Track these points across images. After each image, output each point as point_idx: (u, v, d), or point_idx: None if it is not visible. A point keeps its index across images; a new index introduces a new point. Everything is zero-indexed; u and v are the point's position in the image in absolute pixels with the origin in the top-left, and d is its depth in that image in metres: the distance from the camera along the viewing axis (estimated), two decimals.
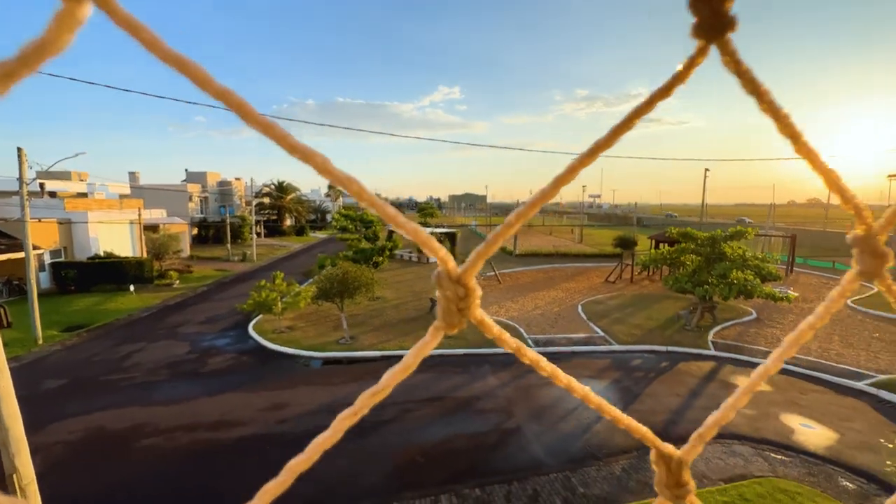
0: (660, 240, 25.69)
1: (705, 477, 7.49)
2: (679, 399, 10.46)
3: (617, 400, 10.36)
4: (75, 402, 10.18)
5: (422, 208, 60.59)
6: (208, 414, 9.58)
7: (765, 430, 9.08)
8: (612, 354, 13.54)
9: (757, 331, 15.81)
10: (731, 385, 11.30)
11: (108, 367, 12.20)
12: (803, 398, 10.65)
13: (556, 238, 49.15)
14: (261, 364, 12.56)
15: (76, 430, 8.92)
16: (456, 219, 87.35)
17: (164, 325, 16.31)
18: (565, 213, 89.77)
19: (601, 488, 7.20)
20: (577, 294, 21.53)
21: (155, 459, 7.93)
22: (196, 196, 45.98)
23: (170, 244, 26.05)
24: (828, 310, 0.38)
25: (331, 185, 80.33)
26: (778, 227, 46.63)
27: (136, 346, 13.90)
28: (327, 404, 9.99)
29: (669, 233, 18.75)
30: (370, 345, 13.84)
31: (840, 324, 16.80)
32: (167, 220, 32.19)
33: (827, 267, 30.50)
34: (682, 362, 12.87)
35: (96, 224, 24.22)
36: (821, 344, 14.40)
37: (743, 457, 8.13)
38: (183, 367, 12.28)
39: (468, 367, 12.30)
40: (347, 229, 23.50)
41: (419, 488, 7.19)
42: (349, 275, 14.20)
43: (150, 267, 22.98)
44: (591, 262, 32.50)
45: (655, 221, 66.95)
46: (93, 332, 15.46)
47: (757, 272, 15.22)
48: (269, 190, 53.41)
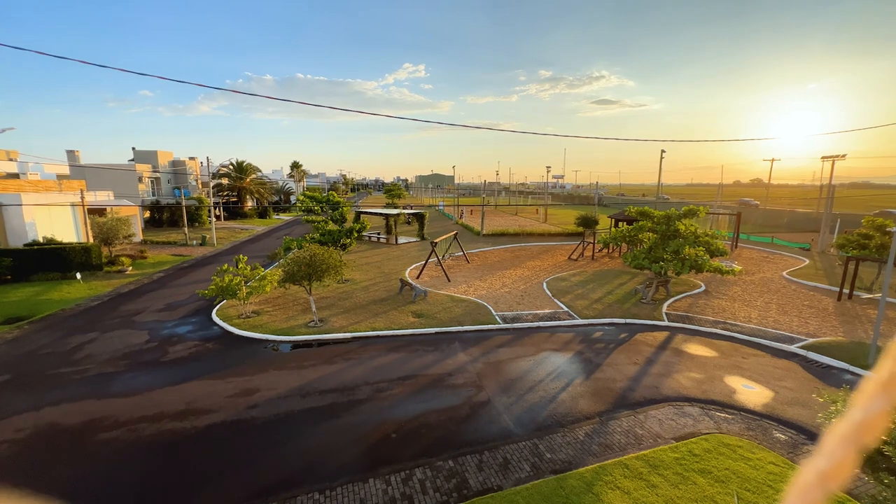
0: (619, 219, 26.80)
1: (659, 437, 8.16)
2: (636, 367, 11.20)
3: (580, 370, 10.96)
4: (21, 397, 9.54)
5: (389, 189, 59.63)
6: (173, 403, 9.28)
7: (711, 392, 9.94)
8: (575, 328, 14.20)
9: (706, 302, 17.03)
10: (683, 352, 12.20)
11: (57, 361, 11.47)
12: (745, 362, 11.69)
13: (521, 218, 50.04)
14: (227, 350, 12.22)
15: (24, 428, 8.40)
16: (423, 199, 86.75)
17: (117, 313, 15.42)
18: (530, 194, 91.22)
19: (566, 453, 7.69)
20: (542, 272, 22.22)
21: (116, 453, 7.64)
22: (146, 177, 42.94)
23: (119, 228, 24.31)
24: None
25: (293, 165, 77.29)
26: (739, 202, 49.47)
27: (87, 337, 13.11)
28: (298, 388, 9.93)
29: (628, 211, 19.59)
30: (340, 327, 13.76)
31: (777, 293, 18.40)
32: (115, 203, 29.95)
33: (767, 242, 33.01)
34: (640, 333, 13.72)
35: (32, 207, 22.19)
36: (761, 313, 15.75)
37: (692, 417, 8.89)
38: (142, 356, 11.75)
39: (439, 346, 12.54)
40: (313, 211, 22.84)
41: (394, 463, 7.39)
42: (317, 257, 13.91)
43: (98, 253, 21.45)
44: (556, 240, 33.47)
45: (615, 201, 69.43)
46: (35, 323, 14.40)
47: (707, 248, 16.29)
48: (227, 170, 50.64)
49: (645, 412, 9.02)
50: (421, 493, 6.70)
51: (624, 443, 7.98)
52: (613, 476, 7.06)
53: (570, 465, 7.36)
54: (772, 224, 44.01)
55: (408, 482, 6.94)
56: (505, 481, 6.97)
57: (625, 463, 7.39)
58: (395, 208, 42.67)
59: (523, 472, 7.19)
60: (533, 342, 12.91)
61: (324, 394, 9.67)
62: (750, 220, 45.24)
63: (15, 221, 21.67)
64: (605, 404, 9.34)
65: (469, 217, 46.87)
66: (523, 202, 74.71)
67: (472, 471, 7.21)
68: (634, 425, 8.54)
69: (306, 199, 22.81)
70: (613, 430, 8.40)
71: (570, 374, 10.75)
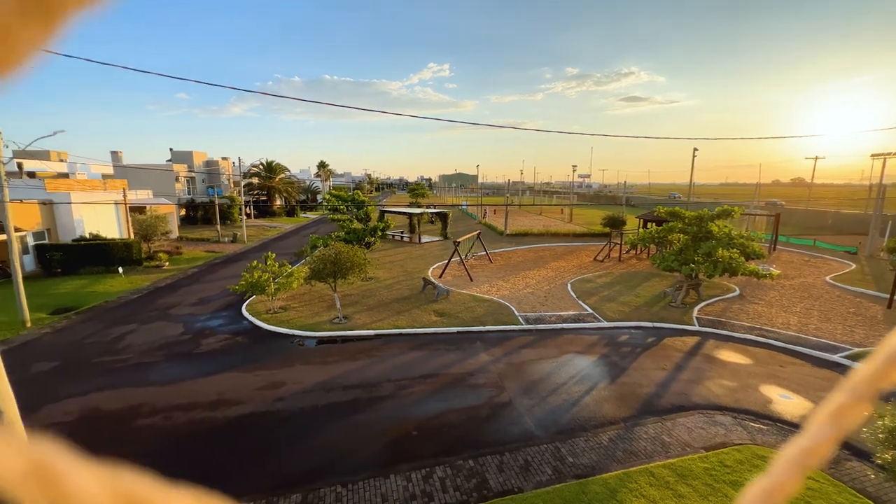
0: (648, 219, 26.00)
1: (688, 445, 7.88)
2: (664, 372, 10.85)
3: (605, 374, 10.72)
4: (69, 383, 10.19)
5: (412, 189, 60.08)
6: (205, 394, 9.68)
7: (745, 401, 9.51)
8: (600, 331, 13.89)
9: (740, 307, 16.30)
10: (714, 359, 11.73)
11: (101, 349, 12.17)
12: (782, 370, 11.12)
13: (546, 218, 49.34)
14: (255, 344, 12.64)
15: (72, 412, 8.96)
16: (447, 199, 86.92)
17: (155, 306, 16.21)
18: (555, 193, 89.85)
19: (589, 458, 7.54)
20: (566, 273, 21.85)
21: (153, 439, 8.05)
22: (182, 176, 44.89)
23: (157, 225, 25.56)
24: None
25: (320, 165, 79.07)
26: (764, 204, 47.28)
27: (128, 328, 13.84)
28: (323, 382, 10.16)
29: (657, 212, 18.99)
30: (364, 324, 13.97)
31: (819, 300, 17.40)
32: (154, 201, 31.49)
33: (809, 245, 31.26)
34: (668, 337, 13.28)
35: (80, 205, 23.61)
36: (801, 319, 14.94)
37: (724, 426, 8.54)
38: (177, 348, 12.31)
39: (461, 345, 12.54)
40: (339, 210, 23.29)
41: (414, 460, 7.45)
42: (342, 255, 14.18)
43: (139, 249, 22.62)
44: (581, 241, 32.82)
45: (644, 201, 67.45)
46: (82, 314, 15.32)
47: (742, 250, 15.59)
48: (257, 170, 52.34)
49: (673, 419, 8.73)
50: (441, 492, 6.72)
51: (650, 450, 7.74)
52: (639, 483, 6.87)
53: (593, 470, 7.21)
54: (814, 226, 41.65)
55: (428, 480, 6.98)
56: (526, 483, 6.90)
57: (651, 471, 7.17)
58: (418, 207, 42.96)
59: (545, 475, 7.09)
60: (556, 344, 12.71)
61: (347, 389, 9.85)
62: (790, 221, 42.99)
63: (65, 218, 23.12)
64: (631, 410, 9.09)
65: (492, 217, 46.62)
66: (548, 202, 73.70)
67: (492, 471, 7.18)
68: (661, 432, 8.27)
69: (332, 198, 23.28)
70: (639, 436, 8.17)
71: (594, 378, 10.53)
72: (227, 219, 41.81)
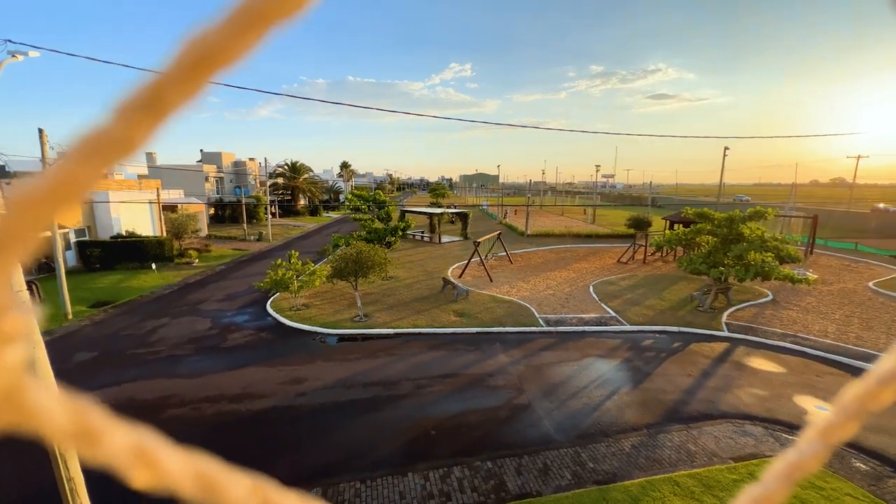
0: (674, 220, 25.24)
1: (715, 455, 7.60)
2: (690, 379, 10.50)
3: (627, 379, 10.46)
4: (106, 373, 10.71)
5: (433, 189, 60.28)
6: (231, 387, 9.99)
7: (777, 411, 9.10)
8: (624, 334, 13.57)
9: (773, 313, 15.61)
10: (745, 366, 11.27)
11: (135, 342, 12.74)
12: (819, 380, 10.59)
13: (568, 218, 48.60)
14: (279, 340, 12.95)
15: (107, 401, 9.40)
16: (467, 199, 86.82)
17: (185, 301, 16.84)
18: (578, 193, 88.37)
19: (610, 464, 7.37)
20: (588, 274, 21.45)
21: (182, 429, 8.36)
22: (212, 176, 46.50)
23: (188, 224, 26.58)
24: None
25: (343, 165, 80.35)
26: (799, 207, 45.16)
27: (160, 322, 14.44)
28: (343, 379, 10.31)
29: (685, 213, 18.40)
30: (384, 323, 14.11)
31: (861, 306, 16.47)
32: (185, 201, 32.73)
33: (850, 249, 29.63)
34: (695, 343, 12.85)
35: (117, 204, 24.79)
36: (840, 327, 14.19)
37: (754, 436, 8.20)
38: (205, 341, 12.75)
39: (480, 346, 12.50)
40: (360, 209, 23.62)
41: (432, 459, 7.46)
42: (363, 254, 14.38)
43: (170, 246, 23.56)
44: (604, 242, 32.16)
45: (670, 202, 65.53)
46: (119, 307, 16.07)
47: (776, 254, 14.92)
48: (282, 170, 53.66)
49: (699, 427, 8.44)
50: (458, 492, 6.71)
51: (674, 458, 7.51)
52: (662, 492, 6.67)
53: (614, 476, 7.05)
54: (856, 228, 39.47)
55: (446, 479, 6.98)
56: (545, 487, 6.81)
57: (675, 480, 6.96)
58: (439, 207, 43.07)
59: (564, 479, 6.98)
60: (577, 347, 12.50)
61: (367, 387, 9.97)
62: (829, 223, 40.89)
63: (104, 216, 24.32)
64: (654, 416, 8.84)
65: (513, 217, 46.26)
66: (570, 202, 72.57)
67: (510, 474, 7.12)
68: (687, 440, 8.01)
69: (354, 198, 23.63)
70: (663, 443, 7.93)
71: (616, 383, 10.29)
72: (254, 218, 43.03)
